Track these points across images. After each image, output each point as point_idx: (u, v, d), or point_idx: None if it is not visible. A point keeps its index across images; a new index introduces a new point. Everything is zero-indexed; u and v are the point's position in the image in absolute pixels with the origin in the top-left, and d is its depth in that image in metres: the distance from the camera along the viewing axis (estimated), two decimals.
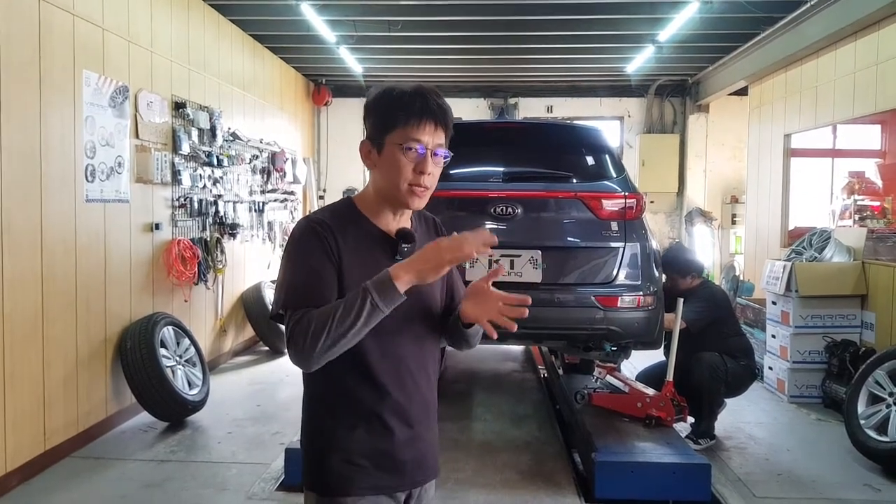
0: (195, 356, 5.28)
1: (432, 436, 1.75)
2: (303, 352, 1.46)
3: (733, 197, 9.81)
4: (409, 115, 1.55)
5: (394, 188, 1.59)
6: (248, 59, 7.36)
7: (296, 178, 8.46)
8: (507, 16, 6.55)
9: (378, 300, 1.43)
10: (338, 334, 1.44)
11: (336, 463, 1.60)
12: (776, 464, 4.29)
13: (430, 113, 1.56)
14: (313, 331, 1.44)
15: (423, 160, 1.56)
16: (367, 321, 1.44)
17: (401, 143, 1.56)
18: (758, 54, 7.46)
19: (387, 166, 1.59)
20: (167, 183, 5.37)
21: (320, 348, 1.44)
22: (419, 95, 1.58)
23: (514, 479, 3.68)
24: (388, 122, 1.58)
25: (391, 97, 1.60)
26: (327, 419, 1.63)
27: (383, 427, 1.60)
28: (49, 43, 4.01)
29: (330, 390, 1.62)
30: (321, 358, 1.47)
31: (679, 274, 4.67)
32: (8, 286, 3.70)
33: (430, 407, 1.73)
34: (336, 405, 1.62)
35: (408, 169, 1.56)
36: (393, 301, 1.45)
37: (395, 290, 1.44)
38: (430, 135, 1.56)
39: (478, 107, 10.17)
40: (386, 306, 1.45)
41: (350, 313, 1.43)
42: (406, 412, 1.63)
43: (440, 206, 3.85)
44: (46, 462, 4.04)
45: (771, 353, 5.91)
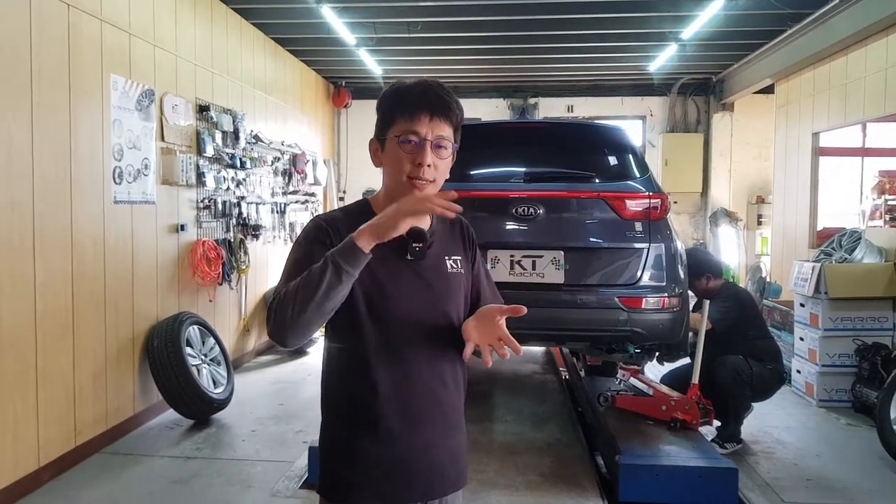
0: (220, 355, 5.34)
1: (454, 444, 1.69)
2: (277, 322, 1.43)
3: (759, 197, 9.69)
4: (405, 107, 1.55)
5: (396, 183, 1.58)
6: (269, 61, 7.42)
7: (316, 179, 8.51)
8: (527, 15, 6.53)
9: (340, 260, 1.40)
10: (304, 300, 1.40)
11: (343, 469, 1.59)
12: (805, 469, 4.23)
13: (425, 104, 1.55)
14: (283, 300, 1.42)
15: (420, 151, 1.54)
16: (333, 283, 1.40)
17: (398, 136, 1.55)
18: (784, 51, 7.36)
19: (389, 162, 1.59)
20: (192, 185, 5.43)
21: (290, 315, 1.41)
22: (417, 88, 1.57)
23: (536, 481, 3.66)
24: (388, 118, 1.59)
25: (393, 93, 1.61)
26: (336, 425, 1.62)
27: (390, 435, 1.57)
28: (78, 48, 4.07)
29: (338, 396, 1.62)
30: (295, 328, 1.42)
31: (699, 274, 4.61)
32: (40, 287, 3.77)
33: (450, 413, 1.67)
34: (344, 411, 1.61)
35: (406, 162, 1.55)
36: (356, 259, 1.41)
37: (356, 249, 1.41)
38: (426, 126, 1.54)
39: (497, 107, 10.15)
40: (349, 265, 1.41)
41: (313, 278, 1.40)
42: (415, 419, 1.59)
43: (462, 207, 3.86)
44: (77, 457, 4.11)
45: (799, 356, 5.83)
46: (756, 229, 9.65)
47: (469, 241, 1.77)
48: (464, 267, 1.71)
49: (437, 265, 1.64)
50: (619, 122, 9.84)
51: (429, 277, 1.61)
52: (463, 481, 1.73)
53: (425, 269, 1.62)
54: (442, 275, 1.65)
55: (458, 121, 1.62)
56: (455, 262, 1.69)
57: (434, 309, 1.61)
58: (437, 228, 1.70)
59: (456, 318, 1.66)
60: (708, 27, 6.69)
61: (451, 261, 1.68)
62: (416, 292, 1.58)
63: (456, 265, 1.69)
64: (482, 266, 1.82)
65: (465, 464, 1.76)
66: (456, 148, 1.64)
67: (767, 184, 9.31)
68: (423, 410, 1.60)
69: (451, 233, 1.74)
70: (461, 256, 1.72)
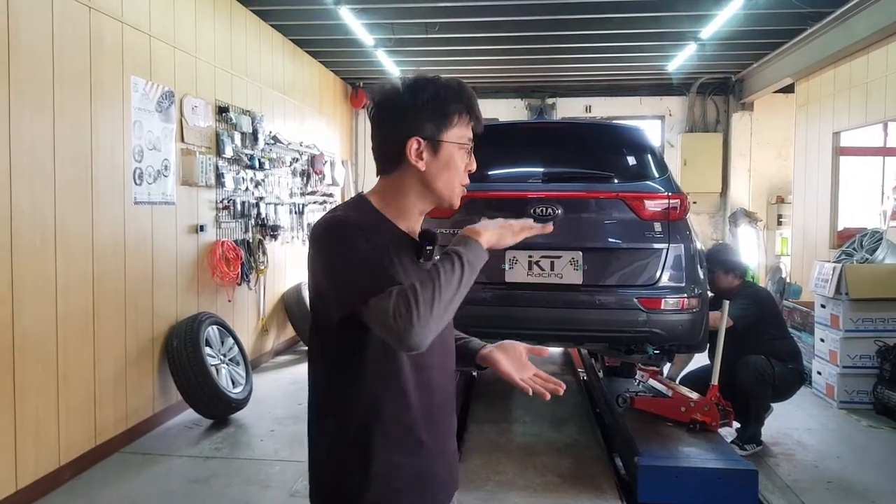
0: (238, 355, 5.38)
1: (455, 446, 1.68)
2: (420, 320, 1.27)
3: (779, 197, 9.60)
4: (462, 110, 1.48)
5: (448, 189, 1.50)
6: (288, 63, 7.46)
7: (334, 180, 8.54)
8: (545, 15, 6.51)
9: (471, 257, 1.36)
10: (448, 297, 1.31)
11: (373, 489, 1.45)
12: (826, 471, 4.18)
13: (472, 108, 1.50)
14: (422, 298, 1.28)
15: (471, 158, 1.53)
16: (467, 283, 1.35)
17: (458, 141, 1.49)
18: (804, 50, 7.29)
19: (443, 167, 1.48)
20: (211, 185, 5.47)
21: (435, 314, 1.29)
22: (463, 89, 1.50)
23: (555, 482, 3.65)
24: (445, 119, 1.47)
25: (443, 91, 1.48)
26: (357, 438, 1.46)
27: (420, 445, 1.49)
28: (99, 50, 4.12)
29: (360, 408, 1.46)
30: (434, 328, 1.31)
31: (722, 269, 4.58)
32: (62, 288, 3.81)
33: (454, 416, 1.67)
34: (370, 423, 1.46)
35: (462, 169, 1.52)
36: (481, 259, 1.38)
37: (480, 246, 1.38)
38: (471, 131, 1.53)
39: (515, 107, 10.14)
40: (478, 264, 1.38)
41: (453, 274, 1.33)
42: (437, 425, 1.55)
43: (480, 207, 3.86)
44: (97, 457, 4.15)
45: (819, 357, 5.77)
46: (776, 229, 9.56)
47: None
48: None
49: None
50: (637, 122, 9.80)
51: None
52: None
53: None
54: None
55: None
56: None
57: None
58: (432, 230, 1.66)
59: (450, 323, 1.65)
60: (727, 26, 6.63)
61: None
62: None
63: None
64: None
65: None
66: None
67: (787, 184, 9.21)
68: (442, 415, 1.57)
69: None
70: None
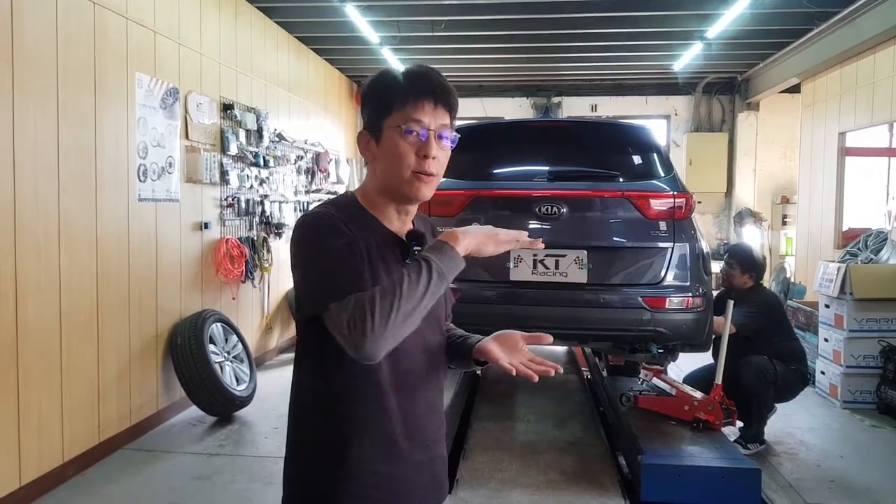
0: (243, 353, 5.38)
1: (443, 450, 1.63)
2: (374, 332, 1.25)
3: (784, 197, 9.58)
4: (406, 94, 1.41)
5: (396, 178, 1.42)
6: (293, 60, 7.46)
7: (339, 178, 8.54)
8: (551, 14, 6.50)
9: (443, 266, 1.30)
10: (407, 309, 1.27)
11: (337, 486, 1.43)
12: (828, 470, 4.17)
13: (429, 91, 1.41)
14: (380, 309, 1.25)
15: (426, 143, 1.40)
16: (433, 293, 1.30)
17: (399, 125, 1.40)
18: (811, 50, 7.26)
19: (387, 155, 1.43)
20: (216, 183, 5.47)
21: (390, 328, 1.26)
22: (415, 73, 1.44)
23: (558, 480, 3.65)
24: (383, 106, 1.43)
25: (386, 79, 1.46)
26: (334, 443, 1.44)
27: (398, 452, 1.46)
28: (103, 46, 4.12)
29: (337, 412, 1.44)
30: (391, 340, 1.29)
31: (741, 267, 4.57)
32: (65, 283, 3.82)
33: (440, 422, 1.60)
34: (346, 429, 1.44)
35: (410, 154, 1.40)
36: (456, 267, 1.33)
37: (455, 254, 1.32)
38: (430, 115, 1.41)
39: (521, 106, 10.14)
40: (450, 273, 1.32)
41: (417, 284, 1.28)
42: (419, 433, 1.50)
43: (485, 206, 3.86)
44: (101, 453, 4.16)
45: (823, 357, 5.75)
46: (780, 229, 9.54)
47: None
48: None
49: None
50: (643, 121, 9.77)
51: None
52: (448, 487, 1.65)
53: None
54: None
55: (456, 110, 1.48)
56: None
57: (431, 314, 1.46)
58: (421, 228, 1.59)
59: (441, 327, 1.60)
60: (734, 26, 6.62)
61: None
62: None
63: None
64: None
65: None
66: (457, 138, 1.49)
67: (792, 184, 9.19)
68: (424, 422, 1.52)
69: (428, 234, 1.61)
70: None
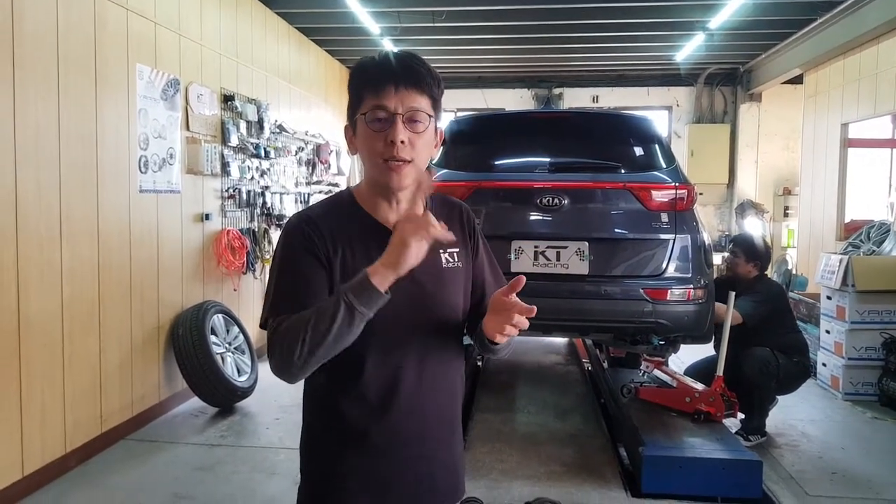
0: (244, 344, 5.39)
1: (449, 456, 1.56)
2: (280, 362, 1.31)
3: (786, 188, 9.57)
4: (370, 82, 1.39)
5: (372, 168, 1.42)
6: (293, 51, 7.44)
7: (340, 169, 8.53)
8: (552, 4, 6.47)
9: (354, 300, 1.26)
10: (314, 343, 1.27)
11: (322, 481, 1.48)
12: (830, 462, 4.17)
13: (390, 75, 1.38)
14: (289, 340, 1.29)
15: (390, 128, 1.37)
16: (345, 326, 1.27)
17: (365, 113, 1.39)
18: (814, 41, 7.23)
19: (361, 145, 1.43)
20: (217, 174, 5.47)
21: (297, 358, 1.29)
22: (380, 60, 1.41)
23: (558, 472, 3.66)
24: (356, 98, 1.43)
25: (356, 69, 1.45)
26: (319, 434, 1.51)
27: (372, 446, 1.45)
28: (104, 37, 4.10)
29: (321, 404, 1.49)
30: (301, 369, 1.32)
31: (746, 255, 4.56)
32: (67, 274, 3.82)
33: (442, 424, 1.54)
34: (327, 421, 1.48)
35: (377, 142, 1.38)
36: (372, 300, 1.27)
37: (372, 288, 1.26)
38: (394, 99, 1.37)
39: (522, 97, 10.12)
40: (365, 306, 1.27)
41: (325, 318, 1.27)
42: (404, 432, 1.46)
43: (486, 197, 3.86)
44: (103, 444, 4.17)
45: (825, 349, 5.75)
46: (782, 221, 9.53)
47: (469, 228, 1.60)
48: (462, 259, 1.54)
49: (429, 260, 1.39)
50: (644, 112, 9.74)
51: (419, 275, 1.38)
52: (460, 494, 1.60)
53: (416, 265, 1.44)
54: (435, 271, 1.48)
55: (434, 91, 1.43)
56: (452, 256, 1.52)
57: (425, 310, 1.45)
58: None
59: (451, 319, 1.52)
60: (736, 16, 6.58)
61: (446, 254, 1.51)
62: (405, 293, 1.37)
63: (453, 258, 1.52)
64: (486, 254, 1.64)
65: (462, 475, 1.62)
66: (436, 122, 1.45)
67: (794, 175, 9.17)
68: (412, 421, 1.47)
69: (449, 221, 1.49)
70: (459, 248, 1.54)
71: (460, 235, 1.56)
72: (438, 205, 1.55)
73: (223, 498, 3.62)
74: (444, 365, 1.53)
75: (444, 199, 1.61)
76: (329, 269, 1.41)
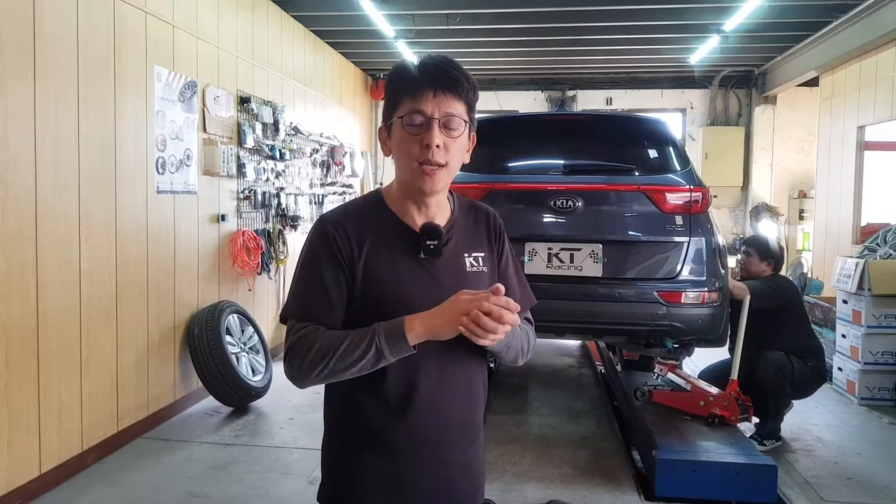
0: (258, 343, 5.43)
1: (468, 460, 1.55)
2: (298, 372, 1.39)
3: (801, 192, 9.50)
4: (409, 85, 1.42)
5: (406, 171, 1.43)
6: (309, 54, 7.48)
7: (354, 171, 8.57)
8: (566, 7, 6.46)
9: (385, 347, 1.32)
10: (337, 368, 1.35)
11: (341, 481, 1.50)
12: (846, 467, 4.14)
13: (428, 80, 1.40)
14: (313, 357, 1.36)
15: (426, 132, 1.39)
16: (369, 364, 1.34)
17: (402, 116, 1.41)
18: (830, 43, 7.18)
19: (396, 147, 1.45)
20: (232, 175, 5.51)
21: (315, 376, 1.37)
22: (419, 64, 1.44)
23: (571, 474, 3.66)
24: (392, 101, 1.45)
25: (394, 72, 1.47)
26: (338, 433, 1.53)
27: (389, 448, 1.46)
28: (123, 40, 4.15)
29: (340, 405, 1.52)
30: (313, 383, 1.40)
31: (759, 253, 4.58)
32: (85, 273, 3.86)
33: (462, 427, 1.53)
34: (346, 421, 1.51)
35: (413, 145, 1.40)
36: (400, 352, 1.33)
37: (404, 341, 1.32)
38: (431, 103, 1.39)
39: (535, 99, 10.10)
40: (392, 355, 1.33)
41: (354, 352, 1.33)
42: (422, 434, 1.46)
43: (500, 199, 3.86)
44: (119, 442, 4.21)
45: (841, 353, 5.71)
46: (798, 224, 9.46)
47: (496, 234, 1.61)
48: (487, 264, 1.55)
49: (453, 264, 1.48)
50: (658, 114, 9.69)
51: (443, 278, 1.44)
52: (478, 499, 1.59)
53: (440, 268, 1.47)
54: (459, 275, 1.48)
55: (470, 97, 1.45)
56: (476, 260, 1.53)
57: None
58: (459, 221, 1.55)
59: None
60: (751, 18, 6.55)
61: (471, 258, 1.52)
62: (427, 295, 1.40)
63: (477, 263, 1.53)
64: (511, 261, 1.64)
65: (482, 479, 1.62)
66: (472, 128, 1.48)
67: (810, 178, 9.11)
68: (430, 424, 1.47)
69: (475, 226, 1.58)
70: (484, 252, 1.56)
71: (486, 240, 1.58)
72: (466, 209, 1.59)
73: (237, 497, 3.64)
74: (465, 369, 1.52)
75: (472, 204, 1.63)
76: (351, 272, 1.44)
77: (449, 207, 1.56)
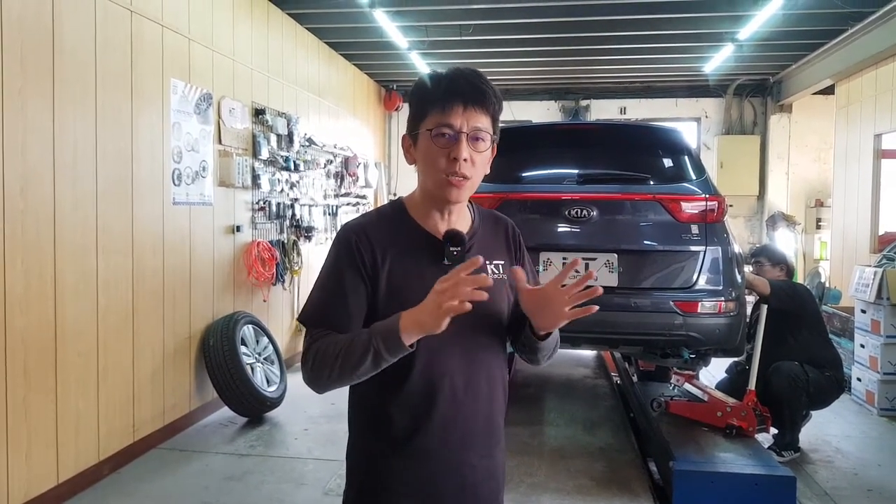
0: (273, 354, 5.44)
1: (490, 463, 1.57)
2: (309, 376, 1.43)
3: (818, 200, 9.42)
4: (438, 98, 1.43)
5: (431, 181, 1.46)
6: (323, 66, 7.53)
7: (368, 182, 8.60)
8: (579, 17, 6.47)
9: (382, 349, 1.33)
10: (341, 372, 1.37)
11: (368, 485, 1.52)
12: (866, 479, 4.08)
13: (458, 93, 1.42)
14: (320, 361, 1.39)
15: (455, 145, 1.41)
16: (369, 367, 1.35)
17: (431, 129, 1.43)
18: (845, 51, 7.14)
19: (422, 158, 1.47)
20: (247, 187, 5.54)
21: (324, 380, 1.40)
22: (448, 77, 1.45)
23: (587, 486, 3.62)
24: (420, 111, 1.46)
25: (423, 83, 1.49)
26: (365, 438, 1.55)
27: (415, 451, 1.47)
28: (140, 53, 4.20)
29: (367, 409, 1.53)
30: (326, 388, 1.42)
31: (770, 261, 4.58)
32: (102, 284, 3.89)
33: (485, 432, 1.55)
34: (373, 425, 1.52)
35: (441, 157, 1.42)
36: (398, 351, 1.33)
37: (399, 341, 1.32)
38: (460, 117, 1.41)
39: (549, 109, 10.10)
40: (390, 355, 1.34)
41: (354, 355, 1.35)
42: (448, 439, 1.48)
43: (514, 209, 3.85)
44: (135, 452, 4.23)
45: (859, 363, 5.64)
46: (815, 233, 9.38)
47: (515, 245, 1.64)
48: (507, 272, 1.57)
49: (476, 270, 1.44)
50: (673, 124, 9.67)
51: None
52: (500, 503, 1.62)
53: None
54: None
55: (496, 111, 1.48)
56: (497, 268, 1.56)
57: (470, 319, 1.39)
58: (479, 230, 1.58)
59: (495, 330, 1.55)
60: (766, 27, 6.53)
61: (492, 266, 1.55)
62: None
63: (498, 270, 1.56)
64: (531, 271, 1.65)
65: (502, 483, 1.64)
66: (495, 140, 1.50)
67: (826, 187, 9.04)
68: (456, 429, 1.49)
69: (495, 235, 1.62)
70: (505, 261, 1.59)
71: (505, 249, 1.62)
72: (486, 220, 1.62)
73: None
74: (487, 373, 1.54)
75: (493, 214, 1.67)
76: (373, 280, 1.46)
77: (469, 216, 1.59)
